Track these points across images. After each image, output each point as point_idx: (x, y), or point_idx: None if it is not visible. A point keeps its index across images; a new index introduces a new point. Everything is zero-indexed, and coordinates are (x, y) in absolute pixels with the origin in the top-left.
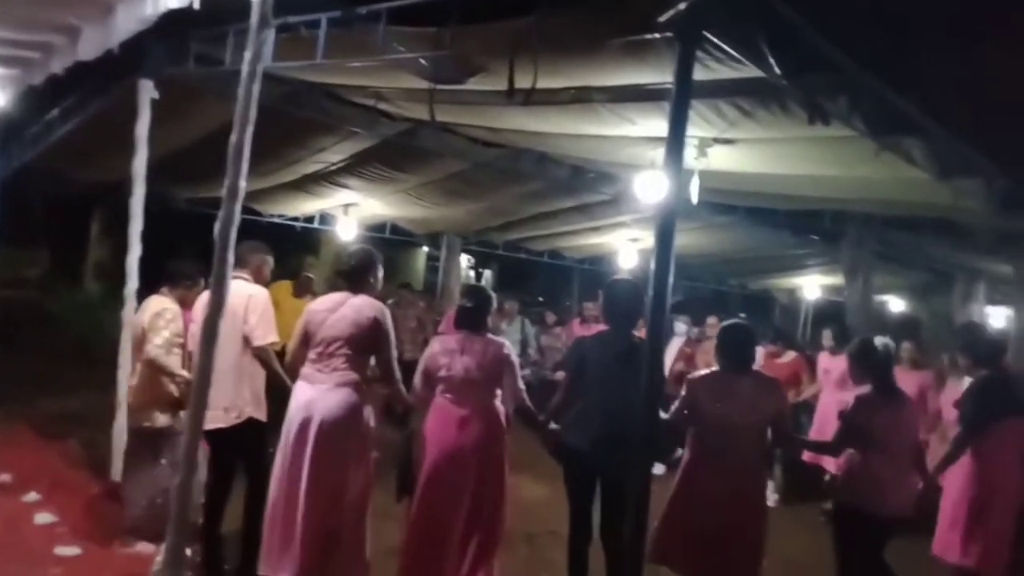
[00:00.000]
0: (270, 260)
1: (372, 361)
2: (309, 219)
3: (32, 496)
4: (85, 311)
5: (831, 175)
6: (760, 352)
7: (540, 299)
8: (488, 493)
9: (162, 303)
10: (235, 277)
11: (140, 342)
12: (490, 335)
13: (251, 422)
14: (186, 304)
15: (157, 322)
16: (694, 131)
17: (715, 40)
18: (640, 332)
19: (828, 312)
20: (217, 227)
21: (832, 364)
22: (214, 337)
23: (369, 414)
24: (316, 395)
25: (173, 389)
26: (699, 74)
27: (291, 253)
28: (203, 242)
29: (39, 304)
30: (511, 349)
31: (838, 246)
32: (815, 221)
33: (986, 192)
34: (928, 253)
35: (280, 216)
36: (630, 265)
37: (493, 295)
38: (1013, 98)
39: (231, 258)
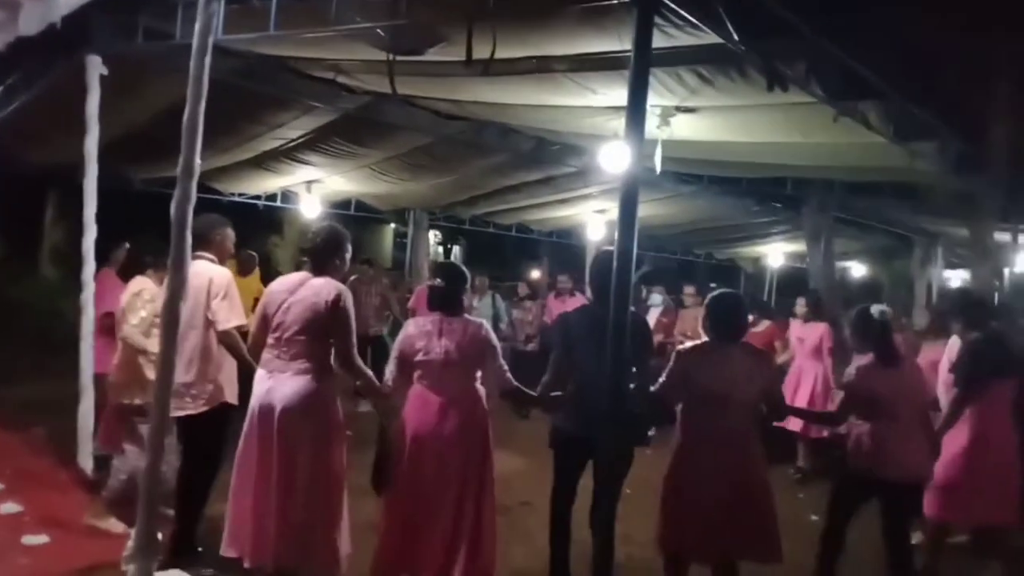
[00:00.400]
0: (231, 234)
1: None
2: (271, 197)
3: None
4: (43, 297)
5: (792, 142)
6: None
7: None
8: (474, 482)
9: (142, 284)
10: (197, 257)
11: (120, 322)
12: (468, 316)
13: (221, 406)
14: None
15: (135, 302)
16: (656, 100)
17: (673, 6)
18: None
19: (792, 279)
20: (173, 207)
21: (805, 332)
22: (175, 321)
23: (332, 398)
24: (274, 384)
25: (149, 370)
26: (659, 41)
27: (254, 233)
28: (162, 223)
29: None
30: (490, 330)
31: (800, 213)
32: (778, 188)
33: (940, 154)
34: (888, 217)
35: (241, 195)
36: (598, 237)
37: (467, 272)
38: (964, 61)
39: (189, 238)
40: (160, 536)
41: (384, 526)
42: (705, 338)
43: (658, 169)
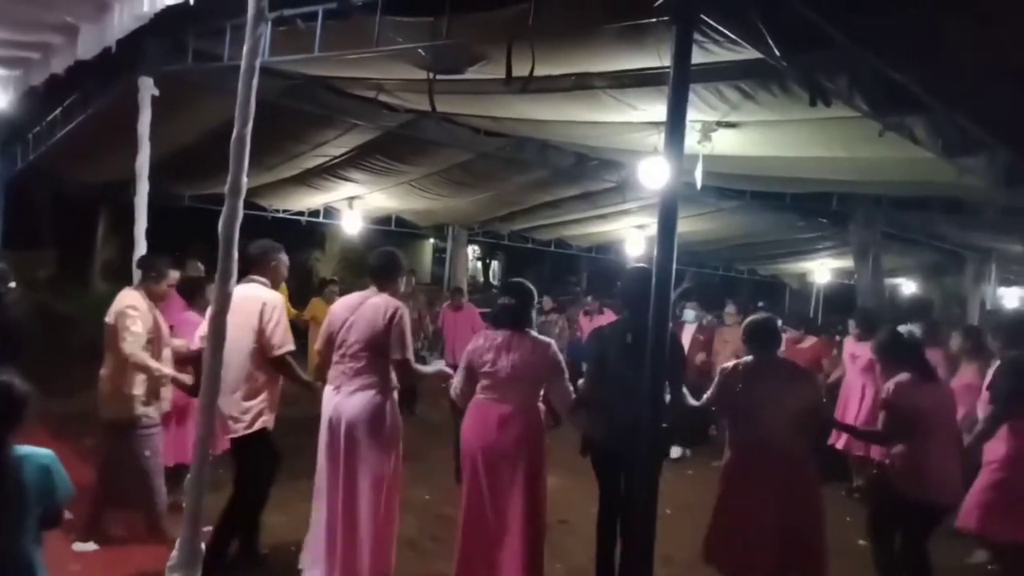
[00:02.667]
0: (285, 259)
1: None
2: (314, 213)
3: None
4: (95, 311)
5: (836, 156)
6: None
7: (577, 288)
8: (529, 492)
9: (129, 299)
10: (251, 280)
11: (111, 337)
12: (536, 334)
13: (262, 432)
14: (155, 298)
15: (123, 320)
16: (697, 115)
17: (712, 22)
18: None
19: (839, 296)
20: (221, 223)
21: (859, 350)
22: (222, 335)
23: (395, 411)
24: (340, 399)
25: (137, 386)
26: (698, 57)
27: (297, 248)
28: (209, 239)
29: (48, 305)
30: (558, 351)
31: (847, 228)
32: (823, 204)
33: (990, 168)
34: (938, 233)
35: (285, 211)
36: (637, 252)
37: (534, 289)
38: (1012, 70)
39: (235, 254)
40: (203, 547)
41: (459, 538)
42: (748, 356)
43: (699, 184)
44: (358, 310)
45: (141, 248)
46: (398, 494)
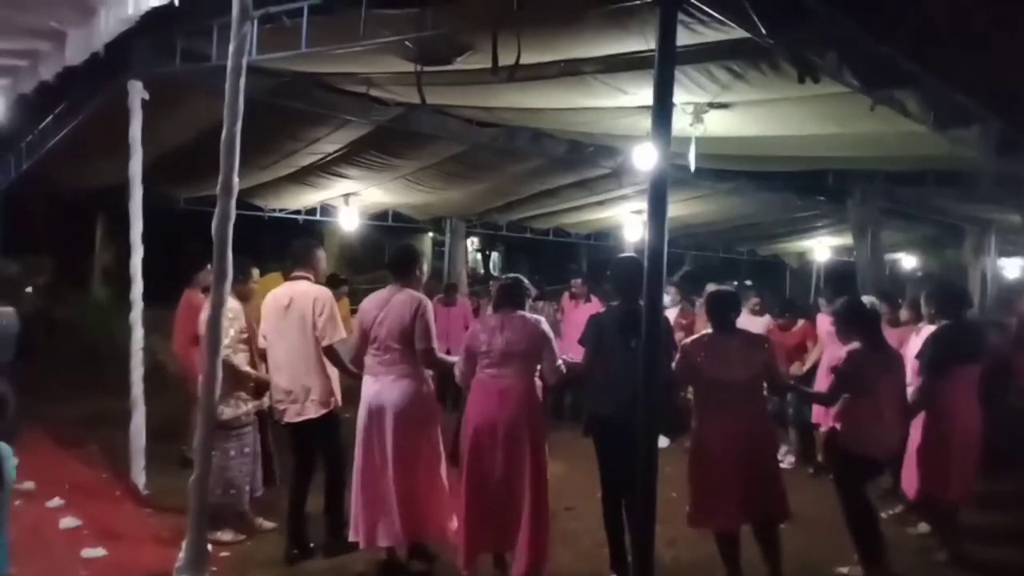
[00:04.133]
0: (323, 254)
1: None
2: (311, 212)
3: (56, 501)
4: (94, 316)
5: (829, 133)
6: (769, 323)
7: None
8: (531, 462)
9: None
10: (298, 277)
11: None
12: (526, 313)
13: (330, 413)
14: (245, 299)
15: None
16: (688, 97)
17: (696, 2)
18: None
19: (839, 273)
20: (214, 224)
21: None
22: (219, 337)
23: (431, 393)
24: (382, 387)
25: (235, 385)
26: (685, 38)
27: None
28: (207, 241)
29: (47, 312)
30: (548, 326)
31: (844, 206)
32: (819, 181)
33: (983, 139)
34: (935, 206)
35: (282, 210)
36: (635, 238)
37: (525, 281)
38: (1000, 41)
39: (229, 254)
40: (210, 548)
41: (463, 511)
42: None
43: (692, 167)
44: (387, 306)
45: (138, 253)
46: (442, 467)
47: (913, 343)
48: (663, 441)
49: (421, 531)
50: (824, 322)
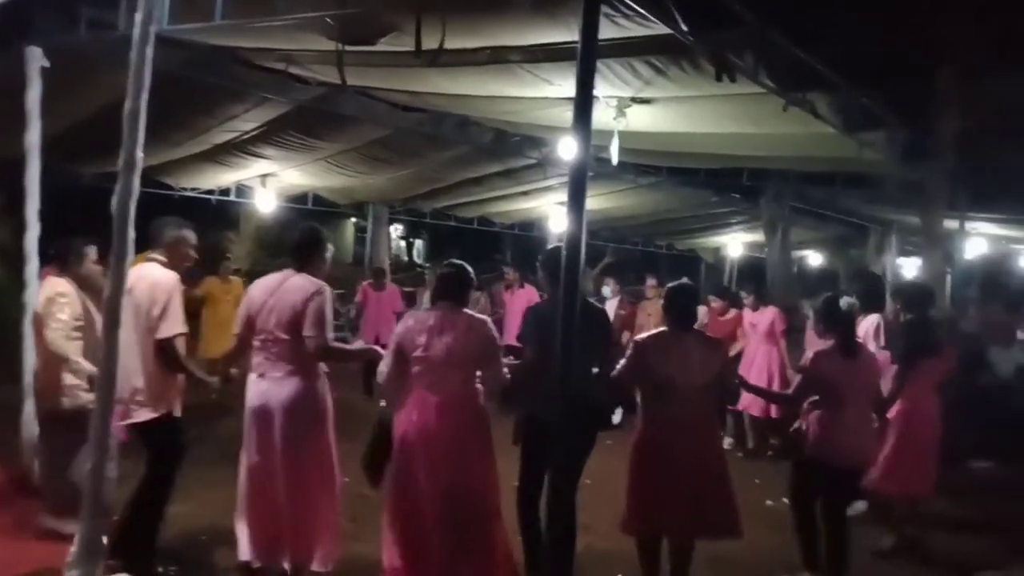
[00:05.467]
0: (188, 238)
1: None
2: (225, 192)
3: None
4: None
5: (745, 132)
6: (703, 310)
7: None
8: (476, 488)
9: (56, 286)
10: (149, 259)
11: (38, 326)
12: (471, 312)
13: (169, 416)
14: (81, 282)
15: (51, 307)
16: (611, 91)
17: None
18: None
19: (750, 268)
20: (114, 201)
21: (757, 318)
22: (117, 320)
23: (325, 394)
24: (269, 386)
25: (69, 375)
26: (610, 31)
27: (208, 228)
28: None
29: None
30: (494, 328)
31: (758, 203)
32: (736, 180)
33: (888, 143)
34: (843, 207)
35: (194, 189)
36: (559, 229)
37: (471, 271)
38: (909, 51)
39: (132, 233)
40: (104, 540)
41: (387, 537)
42: (663, 327)
43: (614, 160)
44: (277, 292)
45: (34, 230)
46: (335, 475)
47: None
48: (616, 416)
49: (310, 553)
50: (747, 316)
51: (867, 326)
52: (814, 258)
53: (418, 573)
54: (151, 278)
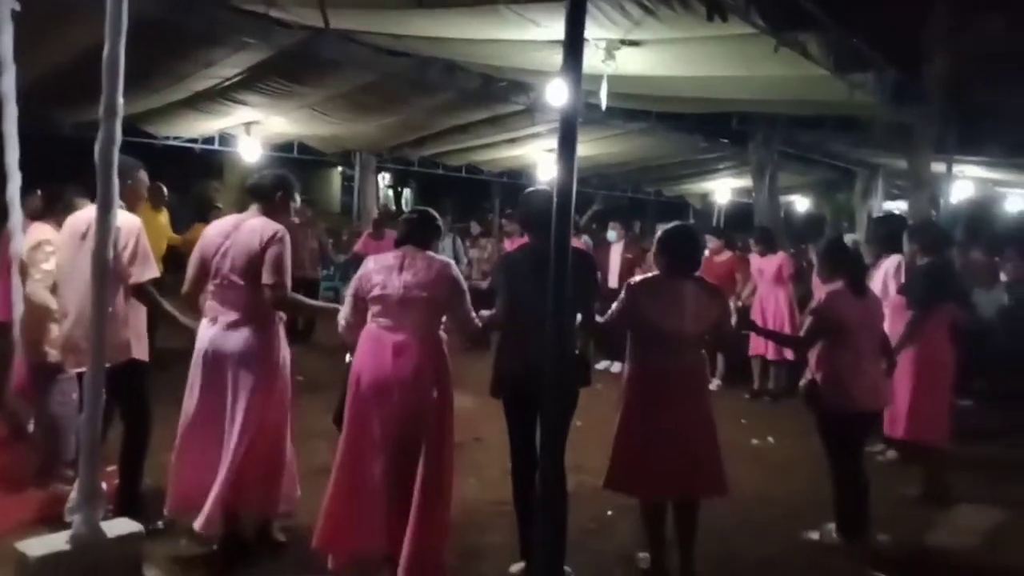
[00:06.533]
0: (143, 178)
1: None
2: (208, 140)
3: None
4: None
5: (735, 75)
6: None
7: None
8: (430, 432)
9: (42, 233)
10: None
11: (23, 276)
12: (432, 253)
13: (130, 363)
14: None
15: (36, 255)
16: (601, 32)
17: None
18: (575, 242)
19: (739, 214)
20: (97, 148)
21: (764, 264)
22: (106, 267)
23: (278, 343)
24: (219, 332)
25: (55, 325)
26: None
27: (192, 178)
28: (94, 168)
29: None
30: (458, 271)
31: (746, 148)
32: (725, 124)
33: (878, 85)
34: (830, 151)
35: (176, 138)
36: (548, 177)
37: (439, 219)
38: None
39: (116, 180)
40: (104, 485)
41: (332, 486)
42: (657, 271)
43: (604, 105)
44: (233, 234)
45: (15, 180)
46: (287, 426)
47: (875, 278)
48: (615, 366)
49: (262, 504)
50: (755, 261)
51: (888, 267)
52: (801, 203)
53: (359, 515)
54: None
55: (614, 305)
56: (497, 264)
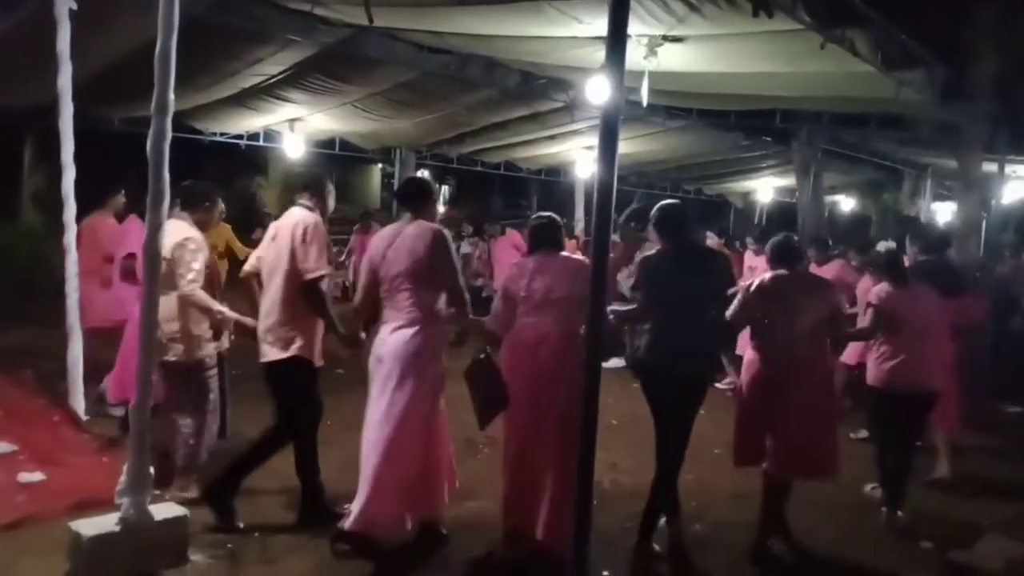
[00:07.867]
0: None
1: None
2: (254, 137)
3: None
4: (25, 243)
5: (780, 71)
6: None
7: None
8: (575, 412)
9: (182, 231)
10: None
11: (166, 274)
12: (567, 254)
13: (293, 360)
14: (206, 228)
15: (182, 254)
16: (643, 29)
17: None
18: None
19: (780, 213)
20: (149, 144)
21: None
22: (157, 259)
23: (438, 347)
24: (385, 335)
25: (204, 324)
26: None
27: (238, 173)
28: (143, 162)
29: None
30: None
31: (790, 147)
32: (767, 122)
33: (927, 83)
34: (876, 150)
35: (223, 134)
36: (587, 175)
37: (557, 217)
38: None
39: (167, 175)
40: (152, 471)
41: (505, 469)
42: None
43: (645, 102)
44: (395, 242)
45: (70, 175)
46: (444, 433)
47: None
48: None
49: (422, 506)
50: (749, 259)
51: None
52: (846, 203)
53: (526, 501)
54: (294, 216)
55: (738, 303)
56: (639, 265)
